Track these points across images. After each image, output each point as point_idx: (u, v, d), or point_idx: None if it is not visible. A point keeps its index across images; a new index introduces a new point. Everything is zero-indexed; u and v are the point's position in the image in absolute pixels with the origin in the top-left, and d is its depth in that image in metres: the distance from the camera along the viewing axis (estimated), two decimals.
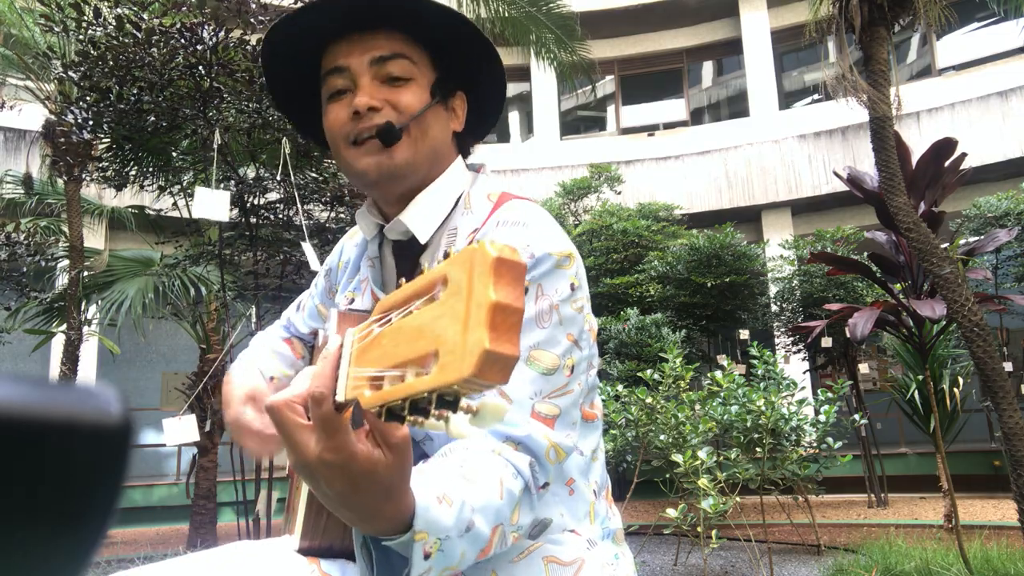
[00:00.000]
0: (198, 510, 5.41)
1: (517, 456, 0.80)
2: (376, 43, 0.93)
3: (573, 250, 0.90)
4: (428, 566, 0.66)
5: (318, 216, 5.43)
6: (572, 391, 0.87)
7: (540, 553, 0.88)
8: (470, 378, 0.41)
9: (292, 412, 0.58)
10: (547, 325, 0.85)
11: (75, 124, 4.39)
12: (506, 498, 0.76)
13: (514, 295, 0.42)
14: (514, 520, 0.79)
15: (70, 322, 5.51)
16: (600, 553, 0.94)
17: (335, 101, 0.96)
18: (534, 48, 8.08)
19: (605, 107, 15.07)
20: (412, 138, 0.94)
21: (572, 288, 0.88)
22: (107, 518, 0.27)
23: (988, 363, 3.41)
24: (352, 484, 0.57)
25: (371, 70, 0.93)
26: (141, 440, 9.55)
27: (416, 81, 0.95)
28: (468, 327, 0.41)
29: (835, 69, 3.90)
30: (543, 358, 0.84)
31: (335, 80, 0.95)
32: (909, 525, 5.82)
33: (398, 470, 0.59)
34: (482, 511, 0.72)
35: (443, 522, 0.66)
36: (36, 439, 0.25)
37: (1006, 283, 8.38)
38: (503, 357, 0.41)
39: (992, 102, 10.72)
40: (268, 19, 4.27)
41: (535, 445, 0.81)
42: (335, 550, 0.93)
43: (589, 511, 0.96)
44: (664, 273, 8.32)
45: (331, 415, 0.55)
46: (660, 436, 4.24)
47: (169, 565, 0.87)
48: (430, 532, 0.65)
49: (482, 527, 0.72)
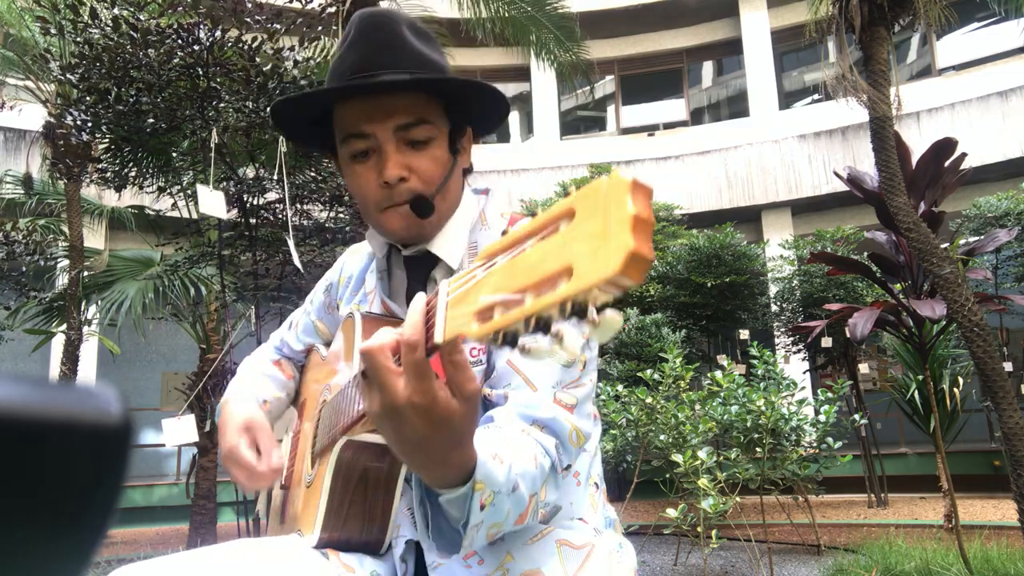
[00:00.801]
0: (198, 510, 5.41)
1: (544, 437, 0.87)
2: (399, 109, 0.96)
3: None
4: (481, 518, 0.72)
5: (317, 216, 5.43)
6: (585, 385, 0.94)
7: (553, 536, 0.93)
8: (614, 276, 0.44)
9: (385, 358, 0.62)
10: None
11: (74, 126, 4.38)
12: (539, 470, 0.82)
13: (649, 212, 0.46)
14: (543, 496, 0.84)
15: (70, 322, 5.51)
16: (607, 540, 0.99)
17: (360, 163, 0.99)
18: (534, 48, 8.08)
19: (605, 107, 15.07)
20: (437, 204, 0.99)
21: None
22: (107, 518, 0.27)
23: (988, 363, 3.41)
24: (432, 427, 0.63)
25: (395, 137, 0.96)
26: (141, 440, 9.55)
27: (436, 141, 0.99)
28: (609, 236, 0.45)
29: (835, 69, 3.90)
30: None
31: (358, 144, 0.98)
32: (909, 525, 5.82)
33: (469, 420, 0.65)
34: (523, 476, 0.78)
35: (498, 477, 0.72)
36: (36, 439, 0.25)
37: (1006, 283, 8.37)
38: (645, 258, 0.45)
39: (992, 102, 10.72)
40: (264, 18, 4.26)
41: (559, 427, 0.88)
42: (354, 543, 0.98)
43: (593, 502, 1.02)
44: (664, 273, 8.32)
45: (423, 361, 0.60)
46: (660, 436, 4.24)
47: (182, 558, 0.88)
48: (487, 484, 0.71)
49: (524, 491, 0.78)
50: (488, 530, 0.75)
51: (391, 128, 0.96)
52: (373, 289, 1.11)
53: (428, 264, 1.04)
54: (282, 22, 4.33)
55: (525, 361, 0.89)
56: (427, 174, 0.98)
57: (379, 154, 0.97)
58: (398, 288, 1.08)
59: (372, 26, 0.98)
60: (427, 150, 0.98)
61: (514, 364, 0.91)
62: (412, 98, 0.97)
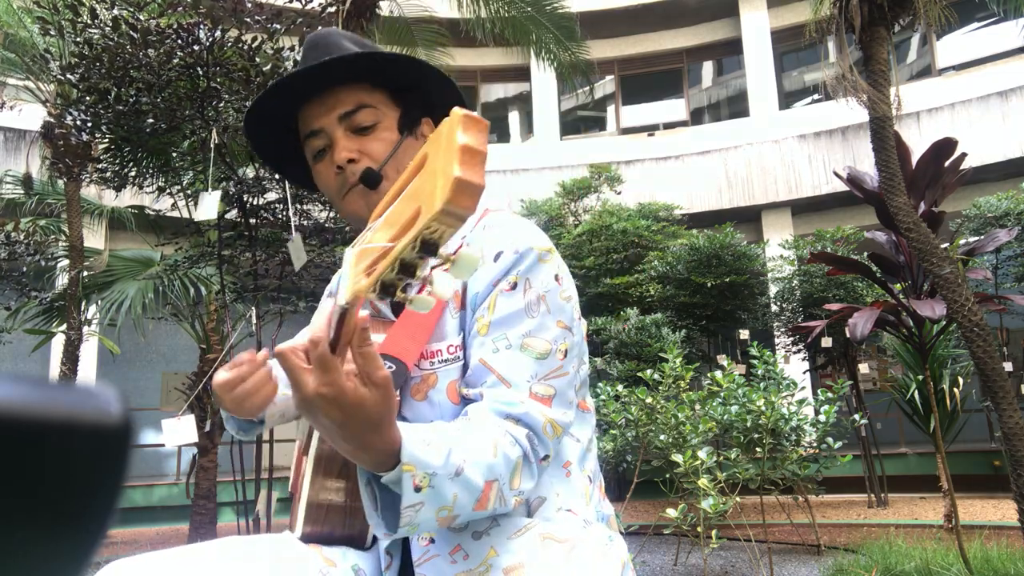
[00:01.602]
0: (198, 510, 5.41)
1: (516, 428, 0.87)
2: (339, 99, 1.03)
3: (552, 247, 1.00)
4: (420, 499, 0.74)
5: (317, 216, 5.43)
6: (567, 372, 0.94)
7: (537, 531, 0.92)
8: (446, 206, 0.47)
9: (296, 356, 0.68)
10: (536, 314, 0.93)
11: (74, 126, 4.38)
12: (501, 458, 0.82)
13: (479, 140, 0.50)
14: (515, 484, 0.85)
15: (70, 322, 5.51)
16: (595, 533, 0.97)
17: (319, 161, 1.07)
18: (534, 48, 8.08)
19: (605, 107, 15.07)
20: (391, 179, 1.02)
21: (557, 279, 0.97)
22: (107, 518, 0.27)
23: (988, 363, 3.41)
24: (344, 415, 0.67)
25: (341, 125, 1.04)
26: (141, 440, 9.54)
27: (382, 123, 1.05)
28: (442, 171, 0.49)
29: (835, 69, 3.90)
30: (535, 344, 0.92)
31: (315, 142, 1.06)
32: (909, 525, 5.82)
33: (383, 405, 0.68)
34: (473, 463, 0.78)
35: (429, 460, 0.74)
36: (36, 439, 0.25)
37: (1006, 283, 8.37)
38: (471, 184, 0.48)
39: (992, 102, 10.71)
40: (264, 18, 4.26)
41: (532, 420, 0.88)
42: (336, 536, 0.99)
43: (584, 494, 1.00)
44: (664, 273, 8.32)
45: (324, 355, 0.65)
46: (660, 436, 4.24)
47: (173, 553, 0.88)
48: (417, 466, 0.73)
49: (474, 476, 0.78)
50: (436, 513, 0.76)
51: (335, 118, 1.03)
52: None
53: None
54: (282, 22, 4.33)
55: (497, 359, 0.91)
56: (376, 152, 1.03)
57: (332, 147, 1.05)
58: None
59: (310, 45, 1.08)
60: (374, 133, 1.04)
61: (487, 362, 0.91)
62: (352, 88, 1.04)
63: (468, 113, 0.51)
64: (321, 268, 5.22)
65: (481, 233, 1.00)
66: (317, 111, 1.04)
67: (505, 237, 0.97)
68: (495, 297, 0.94)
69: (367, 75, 1.04)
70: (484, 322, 0.93)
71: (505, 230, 0.98)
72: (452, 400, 0.94)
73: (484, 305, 0.94)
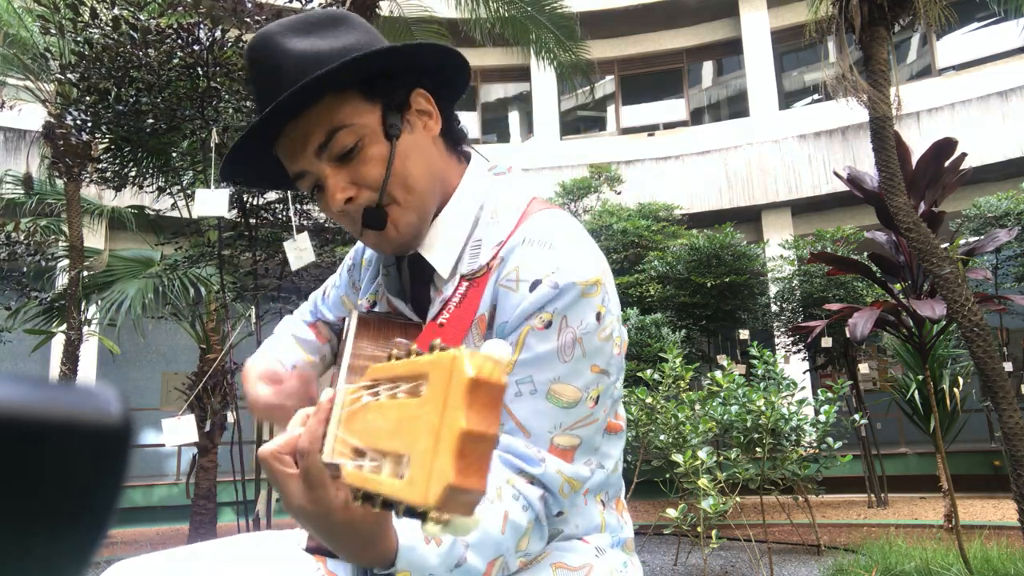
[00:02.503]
0: (198, 510, 5.41)
1: (530, 489, 0.80)
2: (308, 132, 0.86)
3: (601, 273, 0.86)
4: None
5: (316, 216, 5.43)
6: (597, 420, 0.85)
7: (549, 560, 0.88)
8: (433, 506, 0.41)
9: (280, 463, 0.62)
10: (569, 359, 0.82)
11: (74, 126, 4.38)
12: (509, 532, 0.77)
13: (488, 421, 0.41)
14: (521, 548, 0.80)
15: (70, 322, 5.51)
16: (609, 560, 0.94)
17: (319, 196, 0.91)
18: (534, 48, 8.08)
19: (605, 107, 15.07)
20: (401, 203, 0.89)
21: (598, 317, 0.84)
22: (107, 518, 0.27)
23: (988, 363, 3.41)
24: (332, 531, 0.63)
25: (323, 160, 0.87)
26: (141, 440, 9.54)
27: (366, 138, 0.87)
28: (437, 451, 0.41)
29: (835, 69, 3.90)
30: (564, 392, 0.82)
31: (304, 182, 0.91)
32: (909, 525, 5.82)
33: (376, 523, 0.64)
34: (477, 547, 0.74)
35: (428, 561, 0.70)
36: (36, 439, 0.25)
37: (1006, 283, 8.37)
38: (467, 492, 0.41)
39: (992, 102, 10.72)
40: (264, 18, 4.26)
41: (548, 480, 0.81)
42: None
43: (600, 522, 0.96)
44: (664, 273, 8.32)
45: (315, 470, 0.60)
46: (660, 436, 4.24)
47: (177, 553, 0.88)
48: (413, 571, 0.69)
49: (476, 563, 0.74)
50: None
51: (312, 155, 0.87)
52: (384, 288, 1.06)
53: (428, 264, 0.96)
54: None
55: (519, 404, 0.82)
56: (370, 180, 0.87)
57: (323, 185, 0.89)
58: (406, 284, 1.03)
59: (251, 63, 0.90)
60: (361, 154, 0.87)
61: (505, 404, 0.81)
62: (316, 110, 0.85)
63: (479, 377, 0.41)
64: (321, 268, 5.22)
65: (520, 249, 0.87)
66: (291, 149, 0.88)
67: (547, 261, 0.84)
68: (525, 334, 0.82)
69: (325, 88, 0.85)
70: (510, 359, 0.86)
71: (549, 252, 0.85)
72: None
73: (512, 339, 0.83)
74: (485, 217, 0.93)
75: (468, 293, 0.90)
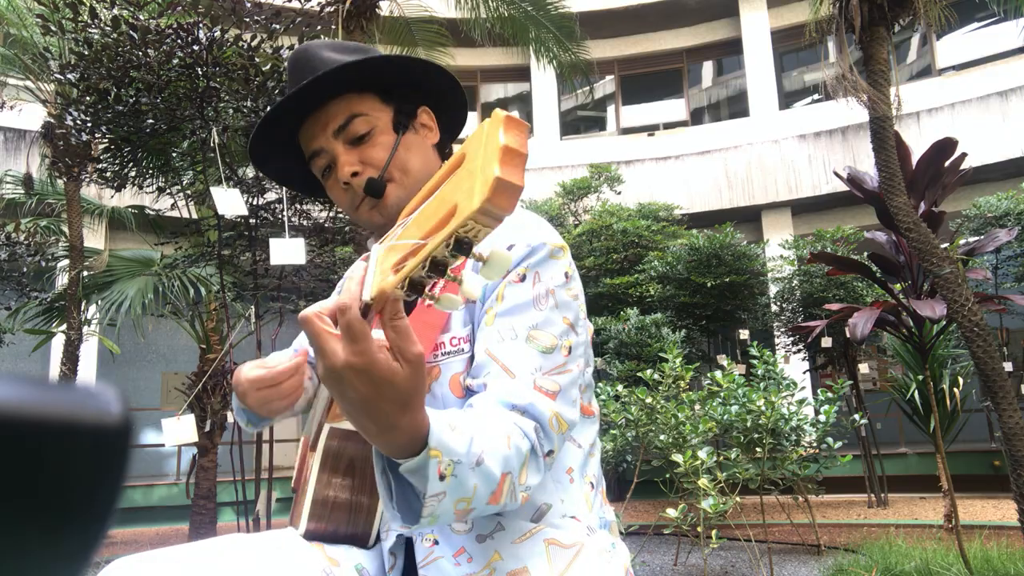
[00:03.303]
0: (198, 510, 5.41)
1: (523, 420, 0.85)
2: (330, 115, 1.04)
3: (565, 245, 0.99)
4: (442, 488, 0.70)
5: (316, 216, 5.44)
6: (571, 370, 0.93)
7: (541, 535, 0.92)
8: (484, 204, 0.47)
9: (322, 322, 0.64)
10: (544, 308, 0.93)
11: (73, 126, 4.38)
12: (514, 451, 0.80)
13: (520, 142, 0.49)
14: (522, 479, 0.82)
15: (70, 322, 5.51)
16: (598, 540, 0.97)
17: (328, 178, 1.09)
18: (534, 48, 8.08)
19: (605, 107, 15.06)
20: (397, 181, 1.05)
21: (566, 276, 0.96)
22: (107, 518, 0.27)
23: (988, 363, 3.41)
24: (374, 388, 0.63)
25: (339, 140, 1.04)
26: (141, 440, 9.55)
27: (377, 128, 1.05)
28: (482, 170, 0.48)
29: (835, 69, 3.90)
30: (541, 337, 0.91)
31: (318, 161, 1.07)
32: (909, 525, 5.83)
33: (414, 383, 0.65)
34: (492, 453, 0.76)
35: (455, 446, 0.71)
36: (36, 439, 0.25)
37: (1006, 283, 8.37)
38: (512, 185, 0.47)
39: (992, 102, 10.71)
40: (263, 17, 4.26)
41: (538, 413, 0.86)
42: (340, 534, 0.98)
43: (587, 500, 0.99)
44: (664, 273, 8.32)
45: (356, 322, 0.61)
46: (660, 436, 4.24)
47: (174, 552, 0.88)
48: (443, 452, 0.69)
49: (492, 466, 0.76)
50: (455, 504, 0.72)
51: (330, 135, 1.04)
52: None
53: None
54: (281, 21, 4.33)
55: (502, 348, 0.90)
56: (376, 159, 1.04)
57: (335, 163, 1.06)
58: None
59: (292, 65, 1.09)
60: (371, 139, 1.05)
61: (492, 353, 0.90)
62: (340, 101, 1.05)
63: (510, 115, 0.50)
64: (321, 268, 5.22)
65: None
66: (312, 131, 1.06)
67: (518, 231, 0.96)
68: (503, 288, 0.93)
69: (351, 84, 1.05)
70: (492, 313, 0.93)
71: (519, 224, 0.98)
72: (455, 393, 0.93)
73: (492, 296, 0.94)
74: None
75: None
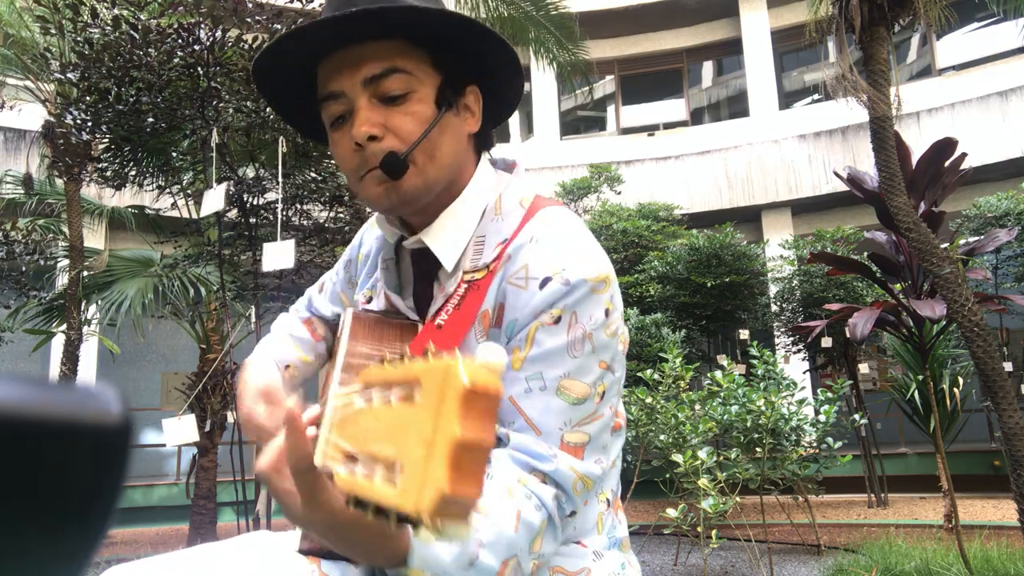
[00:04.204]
0: (198, 510, 5.41)
1: (542, 488, 0.79)
2: (367, 59, 0.85)
3: (609, 270, 0.87)
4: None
5: (317, 216, 5.44)
6: (602, 415, 0.85)
7: (547, 565, 0.88)
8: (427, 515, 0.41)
9: (279, 477, 0.64)
10: (579, 355, 0.83)
11: (74, 126, 4.38)
12: (522, 531, 0.75)
13: (482, 430, 0.41)
14: (535, 549, 0.78)
15: (70, 322, 5.51)
16: (607, 563, 0.93)
17: (337, 129, 0.90)
18: (533, 48, 8.08)
19: (605, 107, 15.07)
20: (419, 165, 0.87)
21: (607, 313, 0.85)
22: (107, 518, 0.27)
23: (988, 363, 3.41)
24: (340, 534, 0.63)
25: (366, 91, 0.86)
26: (141, 440, 9.55)
27: (417, 94, 0.86)
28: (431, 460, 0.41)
29: (835, 69, 3.90)
30: (574, 387, 0.82)
31: (333, 106, 0.88)
32: (909, 525, 5.82)
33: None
34: (491, 545, 0.72)
35: (441, 558, 0.68)
36: (36, 439, 0.25)
37: (1006, 283, 8.37)
38: (461, 500, 0.41)
39: (992, 102, 10.72)
40: (264, 18, 4.26)
41: (562, 478, 0.80)
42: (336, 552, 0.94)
43: (598, 522, 0.95)
44: (664, 273, 8.32)
45: (311, 481, 0.59)
46: (660, 436, 4.24)
47: (175, 557, 0.87)
48: (426, 569, 0.67)
49: (489, 561, 0.72)
50: None
51: (359, 81, 0.85)
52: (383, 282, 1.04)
53: (434, 258, 0.94)
54: (283, 22, 4.33)
55: (529, 401, 0.82)
56: (404, 131, 0.86)
57: (352, 115, 0.87)
58: (407, 280, 1.01)
59: None
60: (405, 104, 0.86)
61: (516, 403, 0.82)
62: (383, 45, 0.85)
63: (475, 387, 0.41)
64: (321, 268, 5.22)
65: (528, 248, 0.87)
66: (338, 69, 0.86)
67: (556, 259, 0.84)
68: (534, 330, 0.82)
69: (405, 29, 0.86)
70: (519, 356, 0.83)
71: (558, 250, 0.85)
72: None
73: (521, 336, 0.83)
74: (489, 214, 0.94)
75: (467, 296, 0.89)
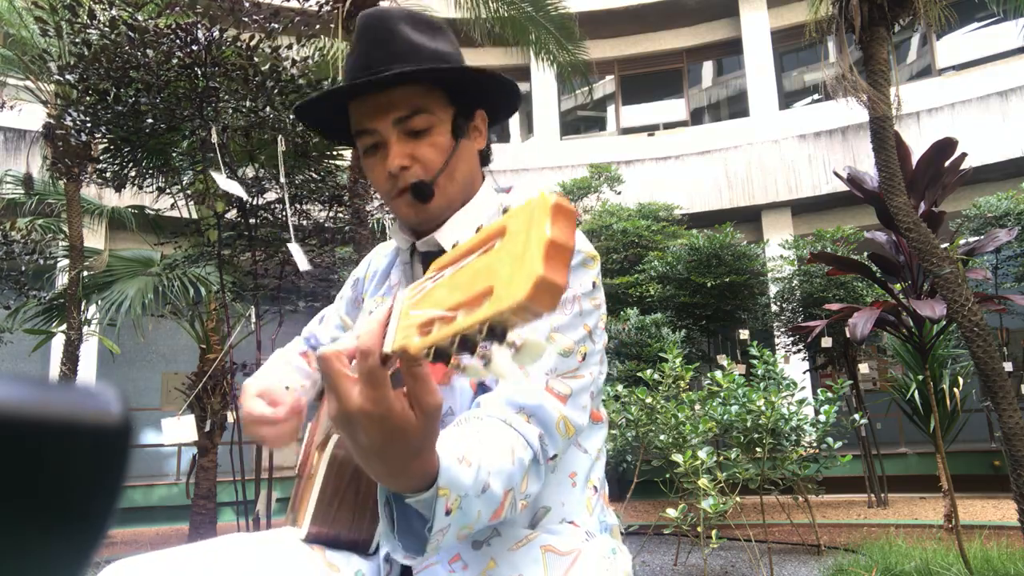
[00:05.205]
0: (198, 510, 5.41)
1: (527, 427, 0.85)
2: (395, 103, 1.01)
3: (597, 256, 0.99)
4: (448, 522, 0.70)
5: (316, 216, 5.43)
6: (583, 376, 0.93)
7: (538, 542, 0.91)
8: (524, 302, 0.44)
9: (340, 363, 0.62)
10: (568, 313, 0.93)
11: (73, 126, 4.38)
12: (516, 465, 0.80)
13: (567, 234, 0.46)
14: (523, 488, 0.82)
15: (70, 322, 5.51)
16: (598, 545, 0.96)
17: (370, 156, 1.06)
18: (533, 48, 8.08)
19: (605, 107, 15.07)
20: (442, 187, 1.03)
21: (593, 286, 0.96)
22: (107, 518, 0.27)
23: (988, 363, 3.41)
24: (386, 437, 0.61)
25: (396, 129, 1.02)
26: (141, 440, 9.54)
27: (437, 128, 1.03)
28: (524, 260, 0.45)
29: (835, 69, 3.90)
30: (560, 340, 0.91)
31: (367, 139, 1.05)
32: (909, 525, 5.82)
33: (428, 433, 0.63)
34: (497, 474, 0.76)
35: (463, 481, 0.71)
36: (36, 439, 0.25)
37: (1006, 283, 8.37)
38: (555, 285, 0.45)
39: (992, 102, 10.72)
40: (262, 17, 4.27)
41: (546, 416, 0.86)
42: (342, 540, 0.97)
43: (588, 505, 0.98)
44: (664, 273, 8.32)
45: (376, 368, 0.59)
46: (660, 436, 4.24)
47: (174, 553, 0.88)
48: (452, 489, 0.69)
49: (496, 489, 0.76)
50: (459, 532, 0.73)
51: (390, 121, 1.01)
52: (397, 283, 1.13)
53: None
54: (280, 21, 4.33)
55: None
56: (428, 161, 1.02)
57: (385, 147, 1.03)
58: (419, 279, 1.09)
59: (365, 27, 1.04)
60: (428, 138, 1.02)
61: None
62: (408, 90, 1.01)
63: (560, 202, 0.47)
64: (321, 268, 5.22)
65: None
66: (371, 111, 1.02)
67: None
68: None
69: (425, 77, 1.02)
70: None
71: None
72: (472, 387, 0.94)
73: None
74: (495, 215, 1.08)
75: None
